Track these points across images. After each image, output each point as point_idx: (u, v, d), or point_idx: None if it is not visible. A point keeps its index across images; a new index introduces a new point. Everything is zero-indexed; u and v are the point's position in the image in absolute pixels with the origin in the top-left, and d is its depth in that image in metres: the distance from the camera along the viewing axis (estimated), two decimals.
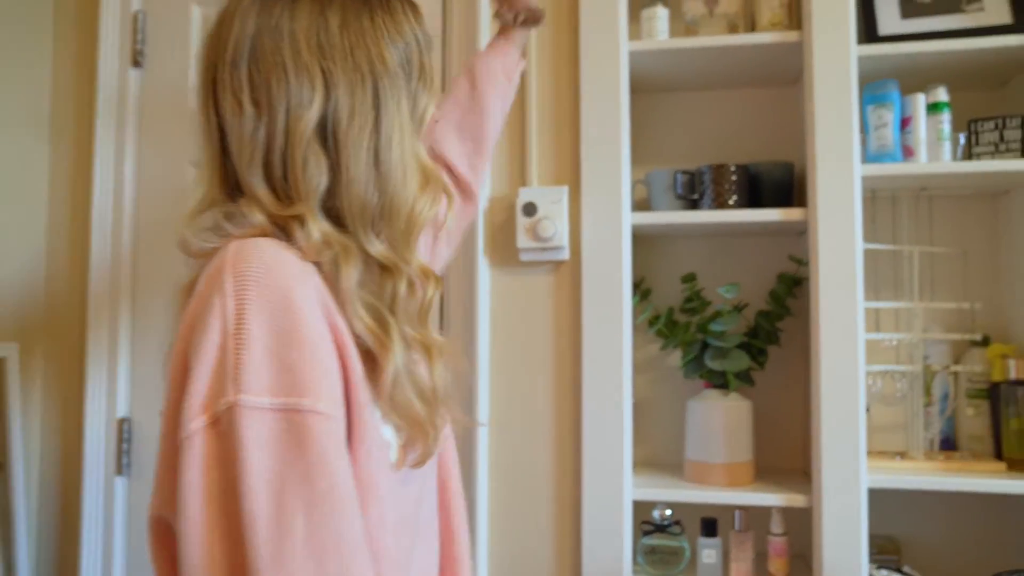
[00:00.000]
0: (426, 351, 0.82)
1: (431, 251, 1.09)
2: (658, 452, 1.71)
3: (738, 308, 1.58)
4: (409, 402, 0.78)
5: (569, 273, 1.52)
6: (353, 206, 0.78)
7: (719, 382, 1.55)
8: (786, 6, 1.51)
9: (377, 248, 0.79)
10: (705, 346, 1.56)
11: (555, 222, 1.48)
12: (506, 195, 1.55)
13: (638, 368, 1.71)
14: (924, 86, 1.49)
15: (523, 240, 1.50)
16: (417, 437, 0.79)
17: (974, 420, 1.54)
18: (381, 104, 0.79)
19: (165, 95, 1.71)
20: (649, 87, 1.68)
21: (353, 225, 0.78)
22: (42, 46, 1.78)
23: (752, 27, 1.57)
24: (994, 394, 1.52)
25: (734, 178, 1.53)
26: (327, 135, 0.77)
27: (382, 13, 0.82)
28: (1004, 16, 1.44)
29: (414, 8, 0.86)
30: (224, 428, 0.66)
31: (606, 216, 1.48)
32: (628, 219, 1.49)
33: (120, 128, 1.71)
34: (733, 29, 1.56)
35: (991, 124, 1.44)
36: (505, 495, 1.54)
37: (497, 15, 1.29)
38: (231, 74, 0.78)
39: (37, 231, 1.77)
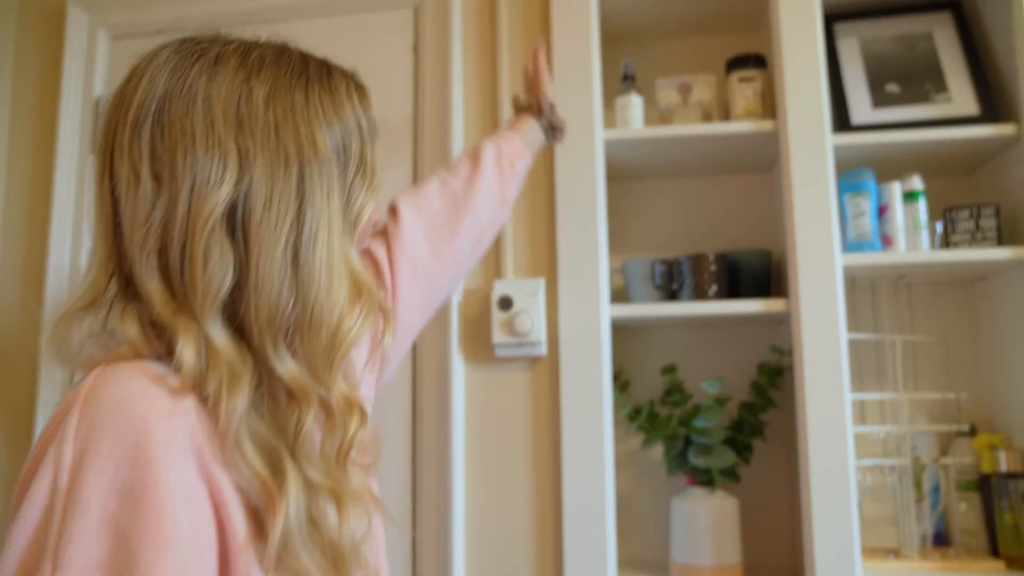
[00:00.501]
0: (337, 500, 0.66)
1: (372, 381, 0.94)
2: (642, 551, 1.63)
3: (720, 401, 1.53)
4: (305, 569, 0.62)
5: (547, 368, 1.47)
6: (261, 312, 0.64)
7: (704, 479, 1.49)
8: (760, 95, 1.51)
9: (287, 367, 0.65)
10: (688, 441, 1.50)
11: (532, 316, 1.43)
12: (480, 288, 1.51)
13: (620, 463, 1.64)
14: (898, 173, 1.48)
15: (499, 335, 1.44)
16: None
17: (967, 514, 1.49)
18: (306, 193, 0.66)
19: None
20: (625, 174, 1.67)
21: (260, 337, 0.64)
22: None
23: (727, 115, 1.57)
24: (985, 487, 1.48)
25: (713, 267, 1.50)
26: (236, 224, 0.64)
27: (320, 90, 0.71)
28: (971, 107, 1.45)
29: (361, 91, 0.76)
30: None
31: (584, 309, 1.44)
32: (607, 312, 1.44)
33: (78, 212, 1.64)
34: (707, 117, 1.55)
35: (967, 213, 1.44)
36: None
37: (526, 107, 1.26)
38: (131, 140, 0.65)
39: None
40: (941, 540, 1.51)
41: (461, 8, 1.57)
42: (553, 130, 1.28)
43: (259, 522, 0.62)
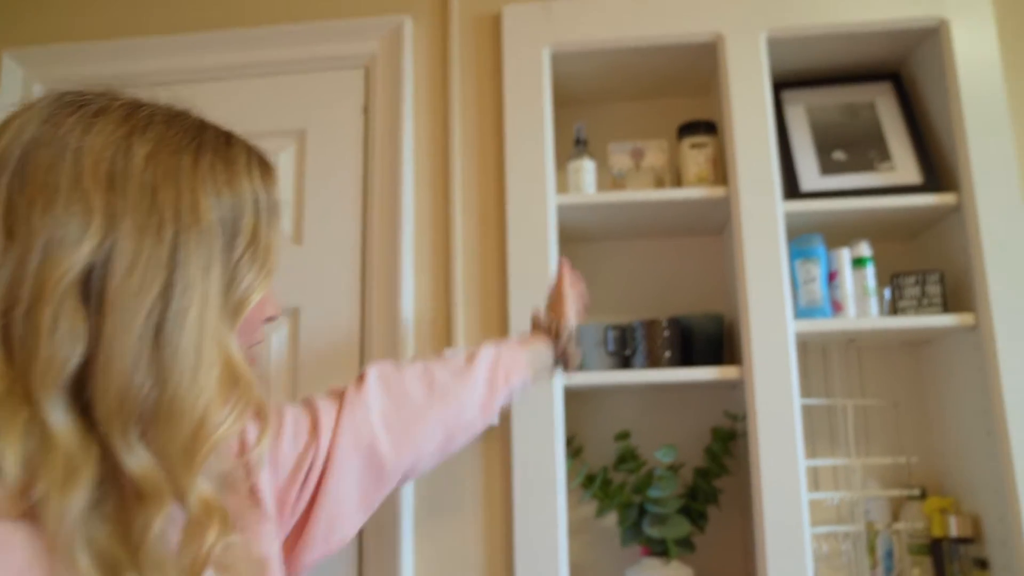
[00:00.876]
0: None
1: (271, 532, 0.80)
2: None
3: (674, 469, 1.51)
4: None
5: (499, 437, 1.43)
6: (110, 393, 0.55)
7: (659, 549, 1.46)
8: (711, 160, 1.52)
9: (138, 461, 0.56)
10: (642, 511, 1.47)
11: None
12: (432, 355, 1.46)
13: (573, 531, 1.60)
14: (846, 239, 1.50)
15: None
16: None
17: None
18: (179, 263, 0.59)
19: None
20: (578, 237, 1.66)
21: (107, 422, 0.56)
22: None
23: (679, 180, 1.57)
24: (936, 551, 1.48)
25: (666, 333, 1.49)
26: (92, 289, 0.56)
27: (214, 157, 0.64)
28: (914, 175, 1.48)
29: (264, 166, 0.69)
30: None
31: None
32: (559, 380, 1.42)
33: None
34: (660, 182, 1.56)
35: (913, 279, 1.46)
36: None
37: (544, 327, 1.18)
38: None
39: None
40: None
41: (412, 70, 1.55)
42: (565, 360, 1.18)
43: None
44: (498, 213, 1.49)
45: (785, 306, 1.39)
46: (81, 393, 0.56)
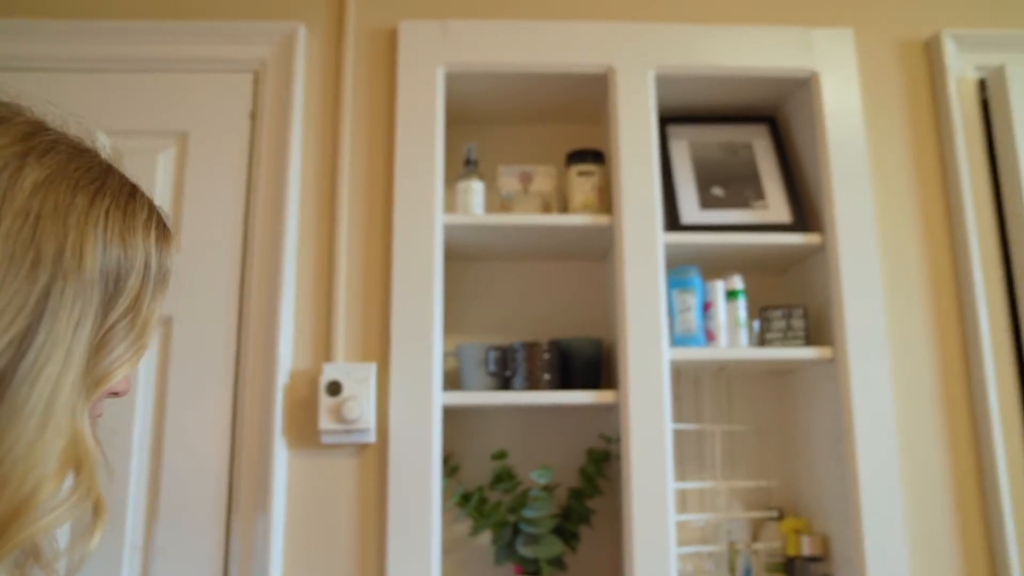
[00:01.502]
0: None
1: None
2: None
3: (549, 489, 1.53)
4: None
5: (375, 455, 1.41)
6: None
7: (531, 569, 1.48)
8: (598, 189, 1.56)
9: None
10: (517, 530, 1.49)
11: (361, 403, 1.37)
12: (309, 370, 1.43)
13: (447, 549, 1.60)
14: (719, 272, 1.57)
15: (326, 422, 1.37)
16: None
17: None
18: (48, 311, 0.52)
19: None
20: (463, 255, 1.66)
21: None
22: None
23: (565, 206, 1.60)
24: (790, 569, 1.56)
25: (547, 356, 1.51)
26: None
27: (113, 204, 0.57)
28: (784, 215, 1.57)
29: (162, 228, 0.62)
30: None
31: (416, 395, 1.40)
32: (439, 398, 1.42)
33: None
34: (547, 208, 1.58)
35: (779, 313, 1.54)
36: None
37: None
38: None
39: None
40: None
41: (304, 78, 1.52)
42: None
43: None
44: (384, 228, 1.48)
45: (662, 334, 1.44)
46: None
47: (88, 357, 0.54)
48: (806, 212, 1.59)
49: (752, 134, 1.68)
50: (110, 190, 0.58)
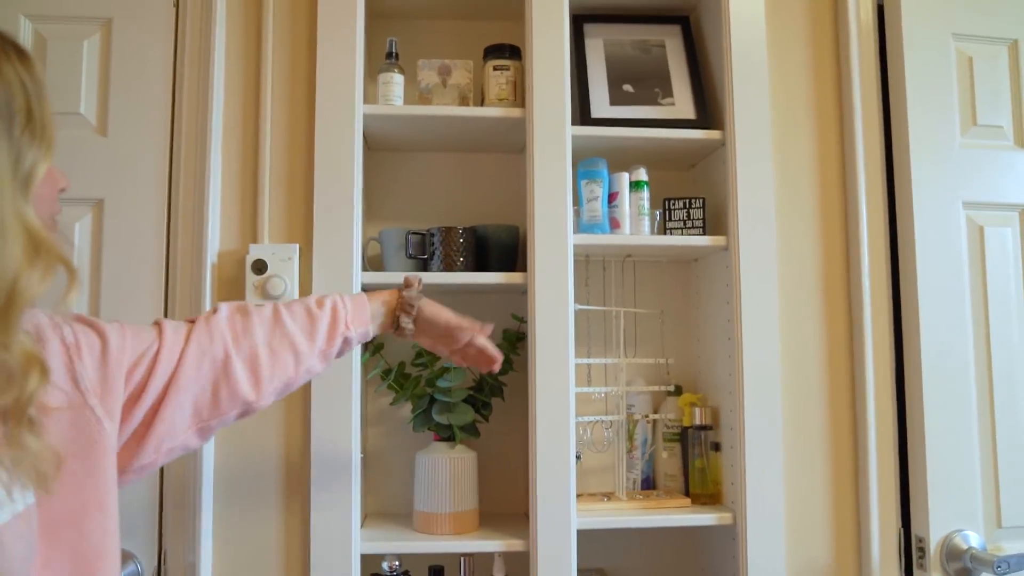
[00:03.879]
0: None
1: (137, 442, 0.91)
2: (390, 503, 1.74)
3: None
4: None
5: None
6: None
7: (446, 435, 1.62)
8: (512, 83, 1.63)
9: None
10: (433, 400, 1.62)
11: (285, 280, 1.48)
12: (236, 250, 1.53)
13: (371, 421, 1.74)
14: (628, 165, 1.67)
15: (252, 297, 1.48)
16: None
17: (668, 461, 1.74)
18: None
19: None
20: (385, 146, 1.74)
21: None
22: None
23: (482, 100, 1.68)
24: (684, 438, 1.73)
25: (462, 240, 1.62)
26: None
27: None
28: (689, 112, 1.66)
29: (20, 52, 0.75)
30: None
31: (337, 275, 1.50)
32: (359, 278, 1.52)
33: None
34: (464, 100, 1.66)
35: (681, 203, 1.66)
36: (231, 558, 1.49)
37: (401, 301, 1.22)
38: None
39: None
40: (649, 484, 1.75)
41: None
42: (398, 327, 1.24)
43: None
44: (307, 116, 1.55)
45: (567, 221, 1.55)
46: None
47: (12, 171, 0.68)
48: (710, 110, 1.69)
49: (665, 34, 1.75)
50: None
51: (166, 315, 1.52)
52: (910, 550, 1.59)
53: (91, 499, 0.79)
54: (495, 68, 1.63)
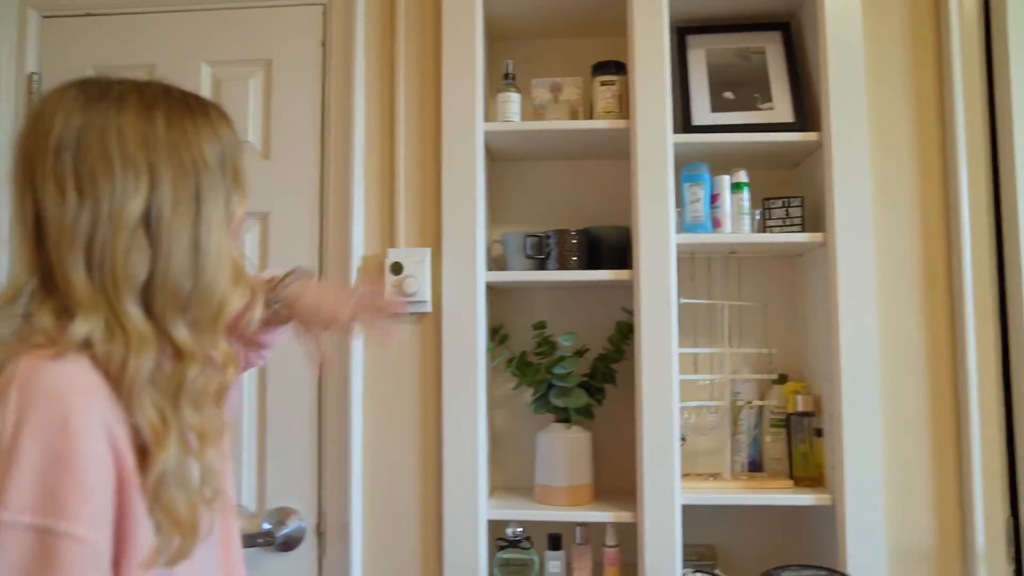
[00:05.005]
0: (202, 438, 0.84)
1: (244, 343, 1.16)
2: (514, 477, 1.94)
3: (579, 352, 1.83)
4: (173, 501, 0.79)
5: (431, 323, 1.74)
6: (168, 291, 0.81)
7: (563, 417, 1.80)
8: (618, 97, 1.78)
9: (181, 333, 0.82)
10: (551, 386, 1.80)
11: (418, 280, 1.70)
12: (375, 254, 1.77)
13: (497, 404, 1.94)
14: (730, 167, 1.78)
15: (390, 296, 1.71)
16: (175, 536, 0.80)
17: (773, 445, 1.84)
18: (202, 199, 0.84)
19: None
20: (505, 157, 1.93)
21: (163, 309, 0.81)
22: None
23: (591, 112, 1.83)
24: (788, 424, 1.82)
25: (575, 241, 1.78)
26: (151, 225, 0.80)
27: (201, 117, 0.87)
28: (788, 115, 1.75)
29: (227, 117, 0.92)
30: None
31: (463, 274, 1.71)
32: (483, 277, 1.72)
33: None
34: (574, 114, 1.82)
35: (780, 203, 1.75)
36: (377, 519, 1.74)
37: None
38: (54, 164, 0.78)
39: None
40: (755, 467, 1.86)
41: (364, 9, 1.79)
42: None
43: (145, 460, 0.79)
44: (435, 136, 1.76)
45: (669, 222, 1.68)
46: (143, 293, 0.81)
47: (224, 213, 0.87)
48: (809, 113, 1.77)
49: (766, 40, 1.84)
50: (196, 110, 0.88)
51: None
52: (1019, 538, 1.63)
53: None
54: (602, 83, 1.78)
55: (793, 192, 1.84)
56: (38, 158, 0.80)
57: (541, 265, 1.81)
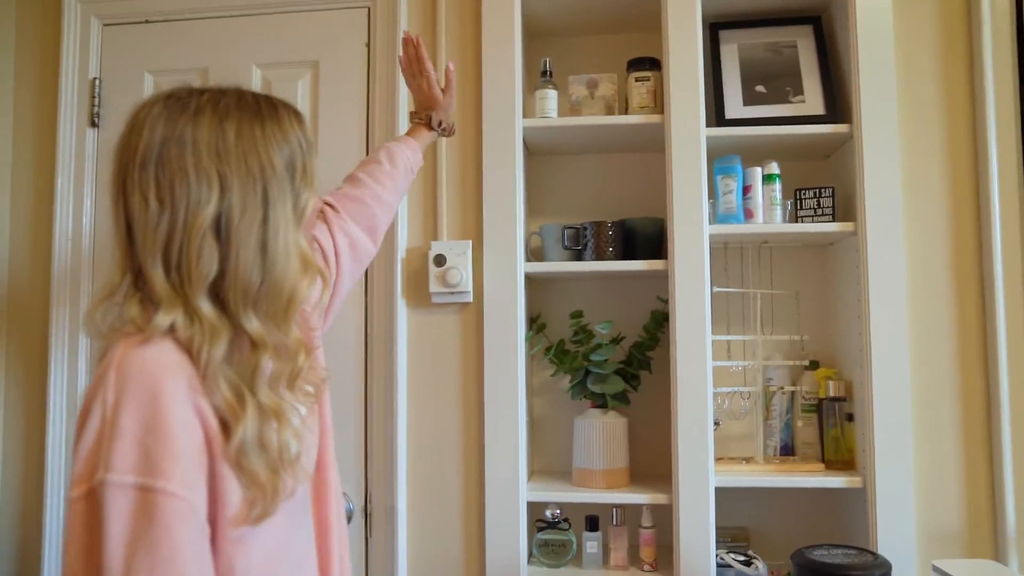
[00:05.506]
0: (278, 416, 0.92)
1: (324, 319, 1.30)
2: (553, 461, 2.01)
3: (616, 340, 1.89)
4: (254, 467, 0.88)
5: (473, 313, 1.82)
6: (238, 288, 0.89)
7: (600, 402, 1.86)
8: (652, 92, 1.84)
9: (253, 325, 0.90)
10: (588, 373, 1.87)
11: (461, 271, 1.77)
12: (420, 247, 1.84)
13: (536, 391, 2.01)
14: (762, 159, 1.83)
15: (434, 286, 1.79)
16: (258, 497, 0.88)
17: (805, 430, 1.89)
18: (269, 202, 0.91)
19: None
20: (543, 151, 2.00)
21: (235, 304, 0.89)
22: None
23: (626, 108, 1.89)
24: (820, 409, 1.87)
25: (611, 232, 1.84)
26: (221, 229, 0.88)
27: (271, 123, 0.94)
28: (819, 108, 1.79)
29: (299, 116, 0.99)
30: (94, 499, 0.80)
31: (503, 266, 1.78)
32: (522, 268, 1.79)
33: (79, 181, 1.93)
34: (610, 110, 1.88)
35: (811, 193, 1.79)
36: (421, 501, 1.82)
37: (417, 117, 1.58)
38: (140, 175, 0.88)
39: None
40: (788, 451, 1.91)
41: (407, 11, 1.86)
42: (443, 131, 1.62)
43: (227, 431, 0.88)
44: (476, 132, 1.84)
45: (702, 213, 1.74)
46: (217, 290, 0.89)
47: (294, 212, 0.94)
48: (840, 105, 1.81)
49: (797, 34, 1.88)
50: (266, 115, 0.95)
51: (366, 303, 1.85)
52: None
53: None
54: (636, 79, 1.83)
55: (824, 183, 1.88)
56: (128, 169, 0.90)
57: (578, 256, 1.88)
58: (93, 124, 1.95)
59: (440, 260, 1.79)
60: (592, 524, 1.82)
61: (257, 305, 0.91)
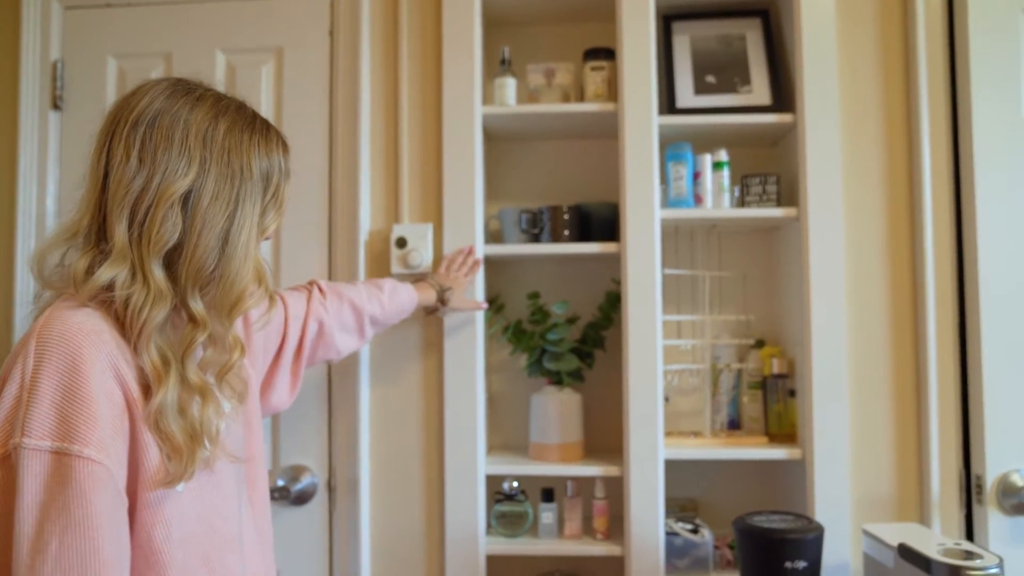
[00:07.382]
0: (202, 394, 0.97)
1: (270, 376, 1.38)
2: (511, 436, 2.09)
3: (571, 320, 1.97)
4: (171, 429, 0.91)
5: None
6: (192, 266, 0.94)
7: (555, 379, 1.94)
8: (607, 81, 1.90)
9: (198, 306, 0.96)
10: (544, 351, 1.94)
11: (421, 253, 1.83)
12: (382, 230, 1.90)
13: (494, 369, 2.08)
14: (712, 146, 1.91)
15: (396, 267, 1.84)
16: (174, 458, 0.92)
17: (751, 406, 1.98)
18: (239, 201, 0.97)
19: (84, 135, 1.95)
20: (502, 137, 2.06)
21: (185, 281, 0.94)
22: None
23: (582, 96, 1.96)
24: (764, 385, 1.97)
25: (567, 216, 1.91)
26: (189, 205, 0.93)
27: (260, 136, 1.02)
28: (765, 98, 1.88)
29: (286, 146, 1.08)
30: (10, 463, 0.81)
31: (462, 247, 1.84)
32: (481, 250, 1.85)
33: (42, 163, 1.95)
34: (566, 98, 1.94)
35: (757, 180, 1.88)
36: (383, 475, 1.88)
37: (433, 282, 1.76)
38: (129, 132, 0.93)
39: None
40: (735, 426, 2.01)
41: None
42: (443, 301, 1.76)
43: (148, 396, 0.92)
44: (436, 118, 1.89)
45: (654, 198, 1.81)
46: (171, 261, 0.94)
47: (258, 221, 1.01)
48: (786, 95, 1.90)
49: (746, 27, 1.96)
50: (258, 129, 1.03)
51: (329, 278, 1.90)
52: (971, 487, 1.78)
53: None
54: (592, 69, 1.90)
55: (770, 170, 1.97)
56: (119, 124, 0.95)
57: (535, 239, 1.94)
58: (55, 107, 1.96)
59: (402, 242, 1.85)
60: (547, 496, 1.90)
61: (205, 290, 0.96)
